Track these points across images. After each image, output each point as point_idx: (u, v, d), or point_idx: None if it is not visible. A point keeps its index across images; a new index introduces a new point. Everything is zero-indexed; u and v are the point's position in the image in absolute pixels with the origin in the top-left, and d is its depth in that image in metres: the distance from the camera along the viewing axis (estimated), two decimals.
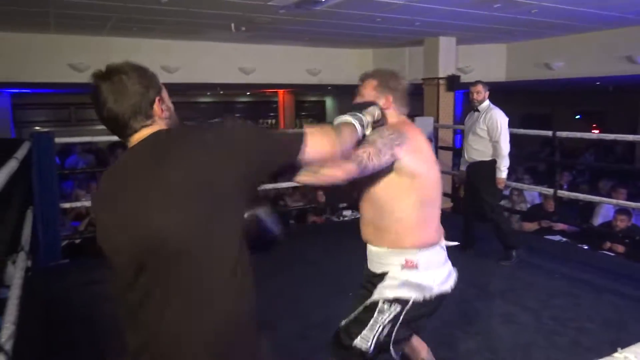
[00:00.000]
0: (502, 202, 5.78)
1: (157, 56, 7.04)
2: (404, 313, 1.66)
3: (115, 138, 1.28)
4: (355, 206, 6.26)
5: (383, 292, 1.69)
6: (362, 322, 1.69)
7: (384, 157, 1.57)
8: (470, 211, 4.62)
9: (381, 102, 1.75)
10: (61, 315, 3.33)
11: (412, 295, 1.66)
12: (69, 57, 6.49)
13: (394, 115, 1.78)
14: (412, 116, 6.78)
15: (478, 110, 4.40)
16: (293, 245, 4.86)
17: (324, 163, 1.39)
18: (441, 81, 7.16)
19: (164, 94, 1.27)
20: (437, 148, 6.31)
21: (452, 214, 6.71)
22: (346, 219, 5.92)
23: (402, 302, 1.66)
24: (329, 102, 15.79)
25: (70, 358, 2.83)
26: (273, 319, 3.26)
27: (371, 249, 1.77)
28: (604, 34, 6.51)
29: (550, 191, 4.92)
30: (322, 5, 4.96)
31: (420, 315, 1.71)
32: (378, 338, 1.65)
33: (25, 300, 2.29)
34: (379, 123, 1.67)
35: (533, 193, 5.97)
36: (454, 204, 6.94)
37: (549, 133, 4.87)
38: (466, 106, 15.16)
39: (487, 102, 4.36)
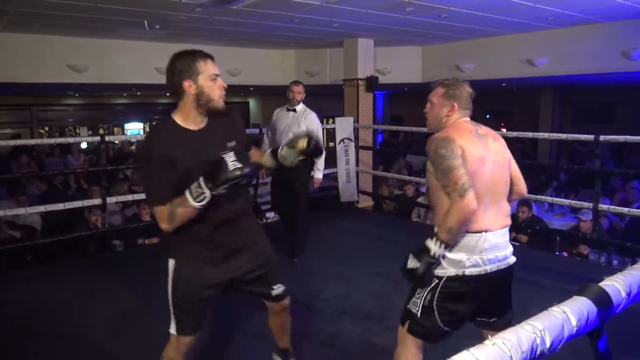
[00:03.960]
0: (420, 199, 6.01)
1: (64, 54, 6.59)
2: (440, 286, 1.92)
3: (17, 142, 1.27)
4: (274, 208, 6.23)
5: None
6: (413, 291, 2.01)
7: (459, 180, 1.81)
8: (287, 209, 4.58)
9: (447, 109, 2.03)
10: None
11: (446, 272, 1.90)
12: None
13: (457, 117, 2.04)
14: (332, 117, 6.84)
15: (294, 111, 4.35)
16: None
17: None
18: (360, 82, 7.31)
19: (203, 77, 1.79)
20: (358, 148, 6.43)
21: (374, 212, 6.90)
22: (269, 221, 5.87)
23: (438, 277, 1.92)
24: (253, 103, 15.65)
25: None
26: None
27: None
28: (507, 38, 6.97)
29: None
30: (238, 4, 4.89)
31: (456, 292, 1.92)
32: (423, 305, 1.96)
33: None
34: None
35: None
36: (375, 203, 7.11)
37: None
38: (386, 107, 15.70)
39: (302, 104, 4.38)
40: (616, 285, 0.81)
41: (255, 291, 2.11)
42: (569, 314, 0.71)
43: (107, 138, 5.11)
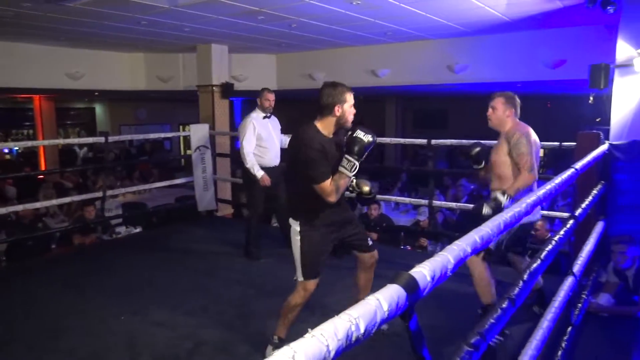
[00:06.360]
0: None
1: None
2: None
3: None
4: (130, 221, 5.86)
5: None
6: None
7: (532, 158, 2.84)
8: (283, 209, 4.61)
9: (506, 112, 2.94)
10: None
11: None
12: None
13: (513, 119, 2.96)
14: (187, 123, 6.65)
15: (269, 117, 4.49)
16: (56, 273, 4.28)
17: None
18: (215, 88, 7.22)
19: (347, 105, 2.55)
20: (215, 156, 6.33)
21: (234, 220, 6.84)
22: (120, 236, 5.47)
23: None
24: (100, 109, 14.43)
25: None
26: (35, 355, 2.82)
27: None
28: (354, 49, 7.48)
29: None
30: (74, 2, 4.49)
31: (517, 235, 2.88)
32: (495, 243, 2.78)
33: None
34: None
35: None
36: (235, 210, 7.06)
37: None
38: (245, 113, 15.69)
39: None
40: (423, 271, 0.93)
41: (357, 244, 2.86)
42: (381, 300, 0.79)
43: None
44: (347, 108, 2.52)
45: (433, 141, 4.65)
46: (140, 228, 5.81)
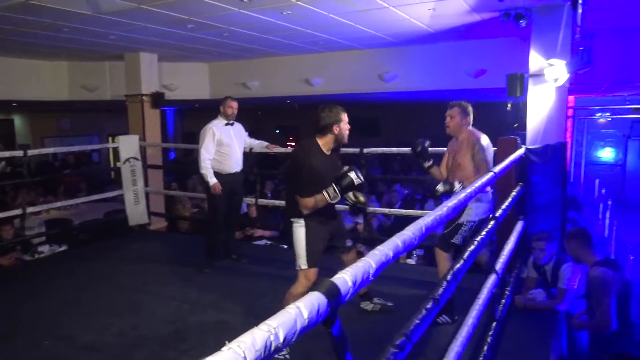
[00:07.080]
0: None
1: None
2: (474, 224, 3.22)
3: None
4: (54, 239, 5.52)
5: (466, 216, 3.22)
6: (456, 231, 3.25)
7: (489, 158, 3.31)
8: (231, 218, 4.72)
9: (462, 121, 3.30)
10: None
11: (476, 218, 3.20)
12: None
13: (467, 128, 3.32)
14: (117, 134, 6.41)
15: (232, 124, 4.50)
16: None
17: None
18: (145, 98, 6.99)
19: (343, 123, 2.99)
20: (146, 167, 6.11)
21: (169, 233, 6.64)
22: (43, 255, 5.13)
23: (472, 221, 3.22)
24: (19, 120, 13.50)
25: None
26: None
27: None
28: (288, 59, 7.52)
29: (253, 200, 5.39)
30: None
31: (477, 226, 3.21)
32: (462, 237, 3.24)
33: None
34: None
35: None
36: (169, 223, 6.85)
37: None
38: (178, 123, 15.28)
39: None
40: (344, 277, 0.95)
41: (338, 245, 3.19)
42: (302, 308, 0.80)
43: None
44: (343, 126, 2.94)
45: (365, 150, 4.78)
46: (66, 246, 5.48)
